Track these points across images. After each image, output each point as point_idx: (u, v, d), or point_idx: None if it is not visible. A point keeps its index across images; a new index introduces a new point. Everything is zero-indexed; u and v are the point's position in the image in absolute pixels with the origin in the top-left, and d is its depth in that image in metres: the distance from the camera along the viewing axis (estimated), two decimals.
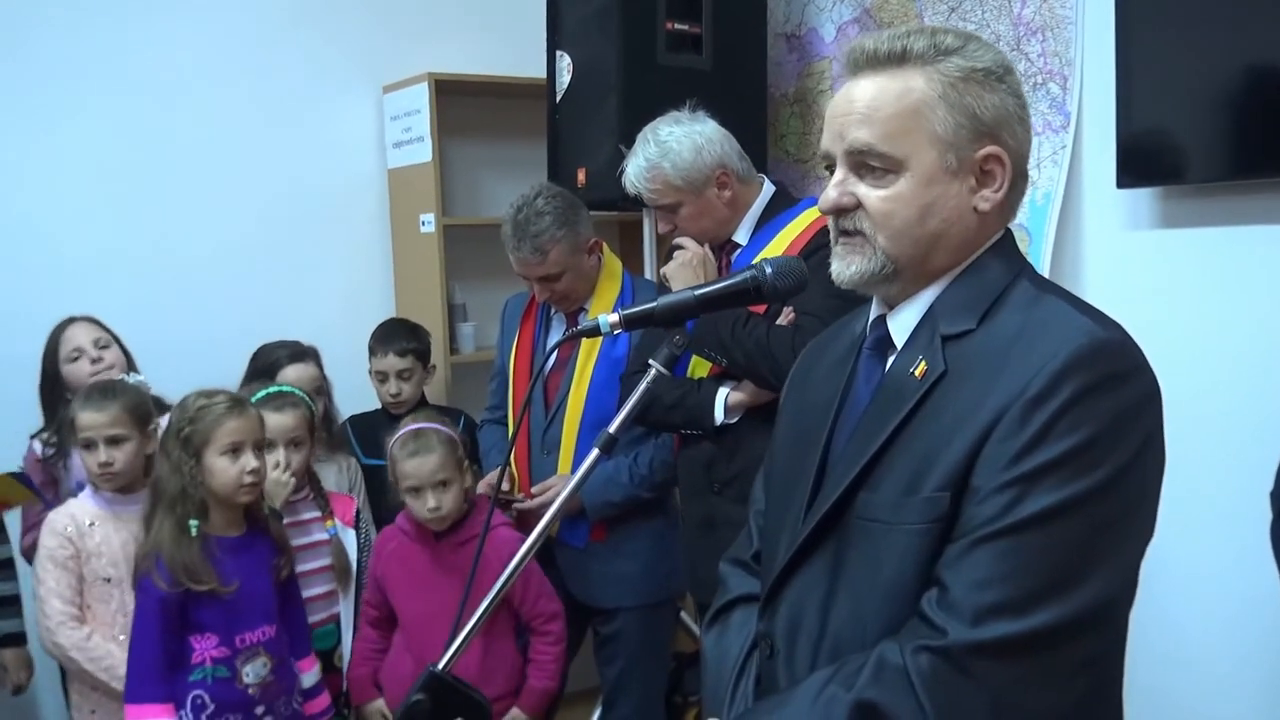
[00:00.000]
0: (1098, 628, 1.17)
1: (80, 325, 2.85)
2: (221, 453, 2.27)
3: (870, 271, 1.28)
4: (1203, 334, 2.44)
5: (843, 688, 1.18)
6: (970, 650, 1.12)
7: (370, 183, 3.71)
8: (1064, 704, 1.16)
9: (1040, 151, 2.72)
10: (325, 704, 2.49)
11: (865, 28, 3.16)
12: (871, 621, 1.22)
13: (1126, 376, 1.17)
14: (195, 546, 2.24)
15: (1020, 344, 1.19)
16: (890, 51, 1.27)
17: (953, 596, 1.14)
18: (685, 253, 2.52)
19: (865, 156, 1.26)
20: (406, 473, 2.54)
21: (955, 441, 1.18)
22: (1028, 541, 1.12)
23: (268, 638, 2.32)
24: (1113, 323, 1.22)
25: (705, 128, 2.50)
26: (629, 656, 2.85)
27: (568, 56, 3.19)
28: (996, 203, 1.28)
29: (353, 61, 3.64)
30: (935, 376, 1.23)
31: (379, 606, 2.63)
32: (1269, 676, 2.30)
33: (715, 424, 2.43)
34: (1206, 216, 2.47)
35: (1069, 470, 1.12)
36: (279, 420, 2.58)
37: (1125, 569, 1.19)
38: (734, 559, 1.55)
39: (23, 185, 3.19)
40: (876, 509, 1.23)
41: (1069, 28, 2.69)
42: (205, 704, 2.24)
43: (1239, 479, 2.19)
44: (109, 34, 3.28)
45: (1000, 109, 1.26)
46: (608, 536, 2.80)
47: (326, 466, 2.95)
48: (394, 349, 3.16)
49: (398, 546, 2.62)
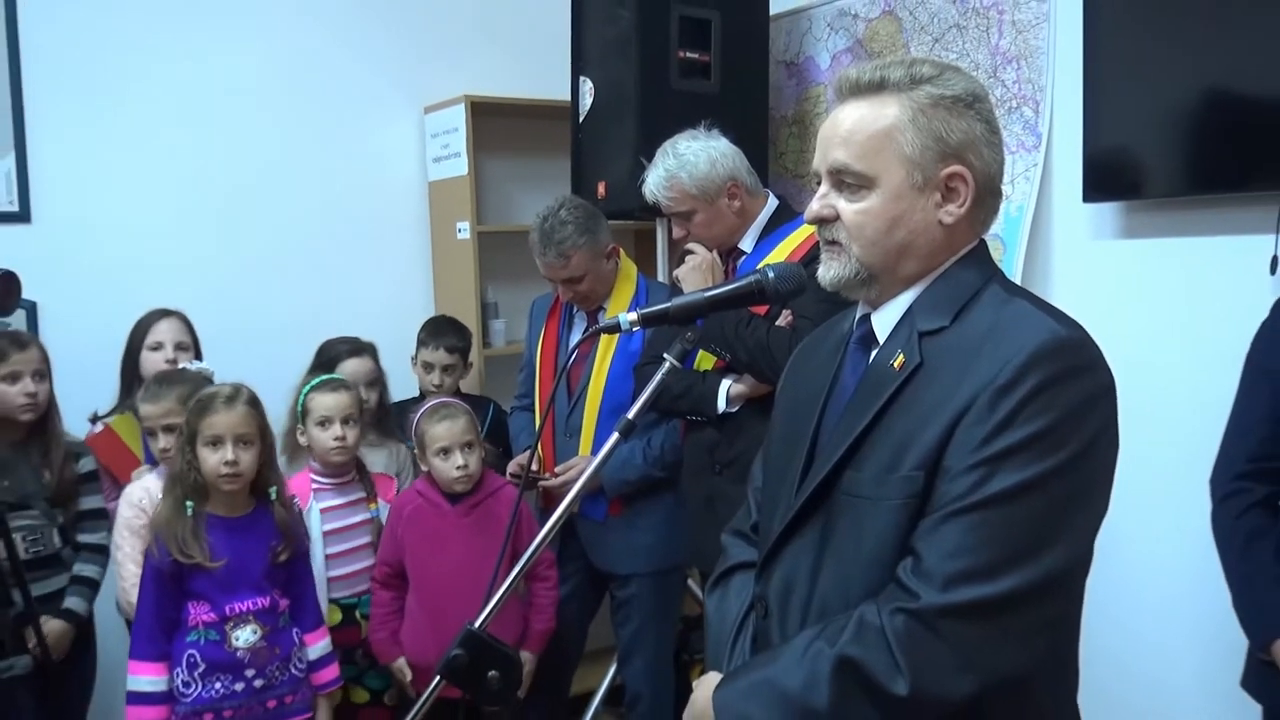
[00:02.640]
0: (1056, 594, 1.17)
1: (171, 321, 2.86)
2: (205, 444, 2.24)
3: (847, 276, 1.29)
4: (1160, 334, 2.45)
5: (827, 644, 1.19)
6: (940, 612, 1.13)
7: (413, 194, 3.72)
8: (1026, 662, 1.17)
9: (1014, 169, 2.72)
10: (332, 675, 2.43)
11: (857, 56, 3.16)
12: (855, 586, 1.23)
13: (1085, 371, 1.17)
14: (188, 524, 2.22)
15: (990, 340, 1.20)
16: (871, 81, 1.28)
17: (926, 565, 1.15)
18: (696, 257, 2.53)
19: (843, 174, 1.28)
20: (438, 435, 2.55)
21: (930, 426, 1.18)
22: (993, 516, 1.13)
23: (259, 608, 2.27)
24: (1074, 323, 1.22)
25: (719, 144, 2.51)
26: (642, 617, 2.86)
27: (590, 81, 3.20)
28: (960, 217, 1.28)
29: (398, 86, 3.65)
30: (912, 368, 1.23)
31: (392, 565, 2.60)
32: (1210, 640, 2.30)
33: (718, 412, 2.45)
34: (1165, 228, 2.47)
35: (1032, 453, 1.13)
36: (334, 400, 2.63)
37: (1081, 542, 1.19)
38: (735, 530, 1.55)
39: (118, 194, 3.22)
40: (860, 486, 1.24)
41: (1041, 57, 2.69)
42: (197, 662, 2.22)
43: (1187, 466, 2.19)
44: (194, 68, 3.31)
45: (967, 133, 1.27)
46: (624, 511, 2.81)
47: (378, 451, 2.96)
48: (444, 344, 3.14)
49: (414, 510, 2.60)
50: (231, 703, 2.24)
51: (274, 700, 2.29)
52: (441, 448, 2.55)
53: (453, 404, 2.65)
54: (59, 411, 2.60)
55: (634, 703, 2.94)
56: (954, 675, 1.13)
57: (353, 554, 2.68)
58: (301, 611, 2.40)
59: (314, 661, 2.40)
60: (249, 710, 2.26)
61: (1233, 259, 2.31)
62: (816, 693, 1.18)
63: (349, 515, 2.69)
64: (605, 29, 3.11)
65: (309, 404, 2.65)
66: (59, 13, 3.12)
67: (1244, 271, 2.28)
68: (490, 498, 2.62)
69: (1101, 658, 1.54)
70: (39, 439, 2.54)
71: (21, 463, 2.50)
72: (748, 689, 1.26)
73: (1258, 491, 1.89)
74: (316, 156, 3.53)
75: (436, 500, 2.60)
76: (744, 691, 1.26)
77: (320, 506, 2.64)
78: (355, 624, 2.65)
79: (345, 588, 2.65)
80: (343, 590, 2.65)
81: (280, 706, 2.30)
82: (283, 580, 2.35)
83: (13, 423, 2.50)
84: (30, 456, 2.52)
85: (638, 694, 2.93)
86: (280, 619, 2.32)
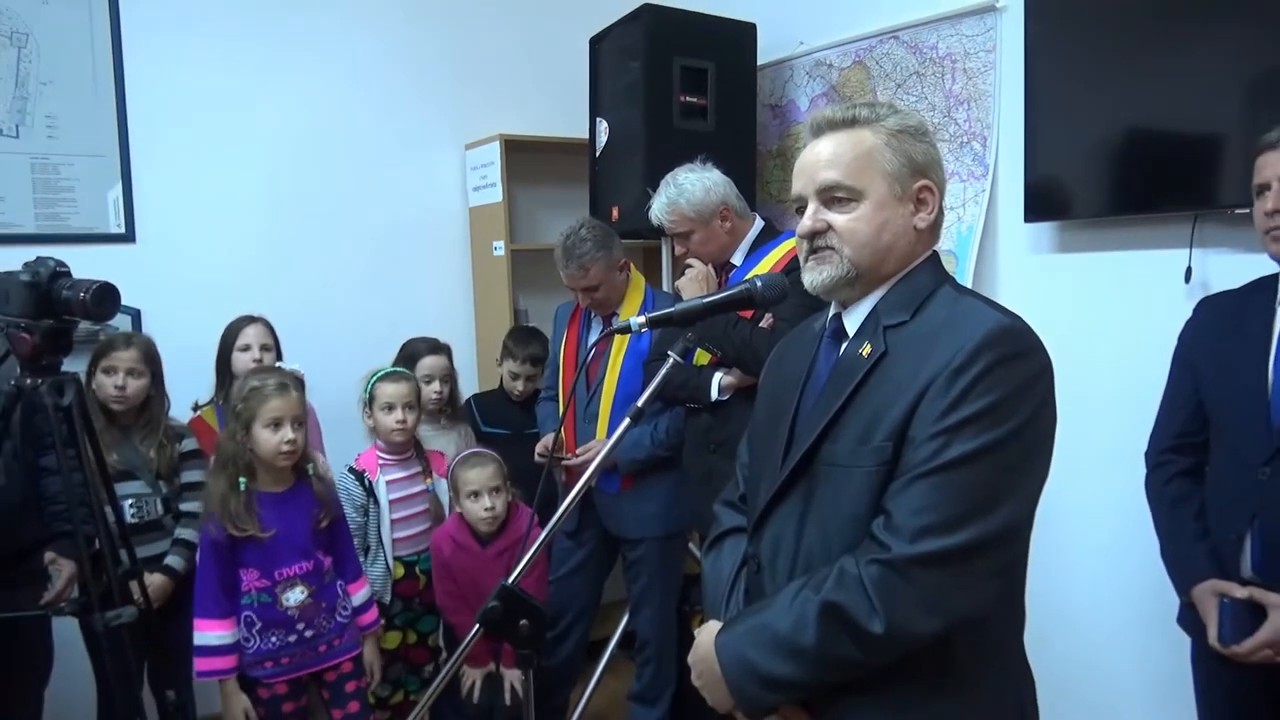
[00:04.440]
0: (1007, 545, 1.18)
1: (257, 326, 2.84)
2: (265, 425, 2.20)
3: (838, 276, 1.28)
4: (1091, 330, 2.44)
5: (813, 592, 1.19)
6: (909, 561, 1.13)
7: (456, 218, 3.72)
8: (982, 603, 1.17)
9: (965, 194, 2.72)
10: (373, 617, 2.44)
11: (831, 99, 3.15)
12: (835, 542, 1.23)
13: (1027, 354, 1.18)
14: (241, 500, 2.19)
15: (945, 330, 1.20)
16: (844, 118, 1.30)
17: (895, 521, 1.15)
18: (694, 270, 2.53)
19: (834, 191, 1.28)
20: (469, 479, 2.51)
21: (896, 403, 1.18)
22: (952, 478, 1.13)
23: (305, 571, 2.26)
24: (1016, 315, 1.22)
25: (713, 175, 2.51)
26: (650, 575, 2.86)
27: (605, 121, 3.20)
28: (930, 223, 1.29)
29: (443, 127, 3.66)
30: (878, 355, 1.24)
31: (450, 590, 2.58)
32: (1142, 589, 2.30)
33: (711, 400, 2.45)
34: (1094, 244, 2.47)
35: (983, 424, 1.13)
36: (396, 388, 2.63)
37: (1027, 500, 1.19)
38: (725, 500, 1.55)
39: (209, 219, 3.23)
40: (837, 456, 1.24)
41: (988, 99, 2.68)
42: (254, 621, 2.22)
43: (1114, 444, 2.19)
44: (274, 112, 3.33)
45: (927, 154, 1.29)
46: (634, 485, 2.80)
47: (448, 433, 2.97)
48: (529, 357, 3.13)
49: (452, 553, 2.55)
50: (287, 651, 2.25)
51: (324, 645, 2.31)
52: (472, 491, 2.52)
53: (484, 453, 2.61)
54: (164, 400, 2.59)
55: (643, 647, 2.94)
56: (923, 615, 1.13)
57: (413, 518, 2.69)
58: (343, 566, 2.39)
59: (357, 607, 2.40)
60: (303, 655, 2.28)
61: (1152, 269, 2.30)
62: (804, 633, 1.18)
63: (410, 486, 2.69)
64: (618, 78, 3.12)
65: (375, 392, 2.65)
66: (158, 65, 3.14)
67: (1162, 280, 2.27)
68: (516, 545, 2.56)
69: (1042, 599, 1.53)
70: (143, 423, 2.54)
71: (127, 442, 2.50)
72: (745, 633, 1.26)
73: (1182, 463, 1.89)
74: (376, 186, 3.54)
75: (468, 543, 2.55)
76: (741, 635, 1.26)
77: (386, 479, 2.65)
78: (415, 578, 2.67)
79: (407, 547, 2.66)
80: (405, 549, 2.66)
81: (329, 649, 2.32)
82: (325, 542, 2.34)
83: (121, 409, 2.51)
84: (134, 436, 2.52)
85: (646, 639, 2.92)
86: (325, 576, 2.31)
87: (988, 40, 2.67)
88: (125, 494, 2.42)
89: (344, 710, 2.34)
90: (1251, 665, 1.69)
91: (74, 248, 2.90)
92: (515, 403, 3.17)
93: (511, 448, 2.95)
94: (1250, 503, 1.71)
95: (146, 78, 3.11)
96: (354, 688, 2.36)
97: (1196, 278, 2.21)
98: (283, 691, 2.25)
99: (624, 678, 3.16)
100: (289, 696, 2.26)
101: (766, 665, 1.21)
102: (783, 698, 1.23)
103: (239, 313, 2.89)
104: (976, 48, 2.70)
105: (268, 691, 2.24)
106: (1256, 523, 1.71)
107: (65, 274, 1.96)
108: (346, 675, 2.35)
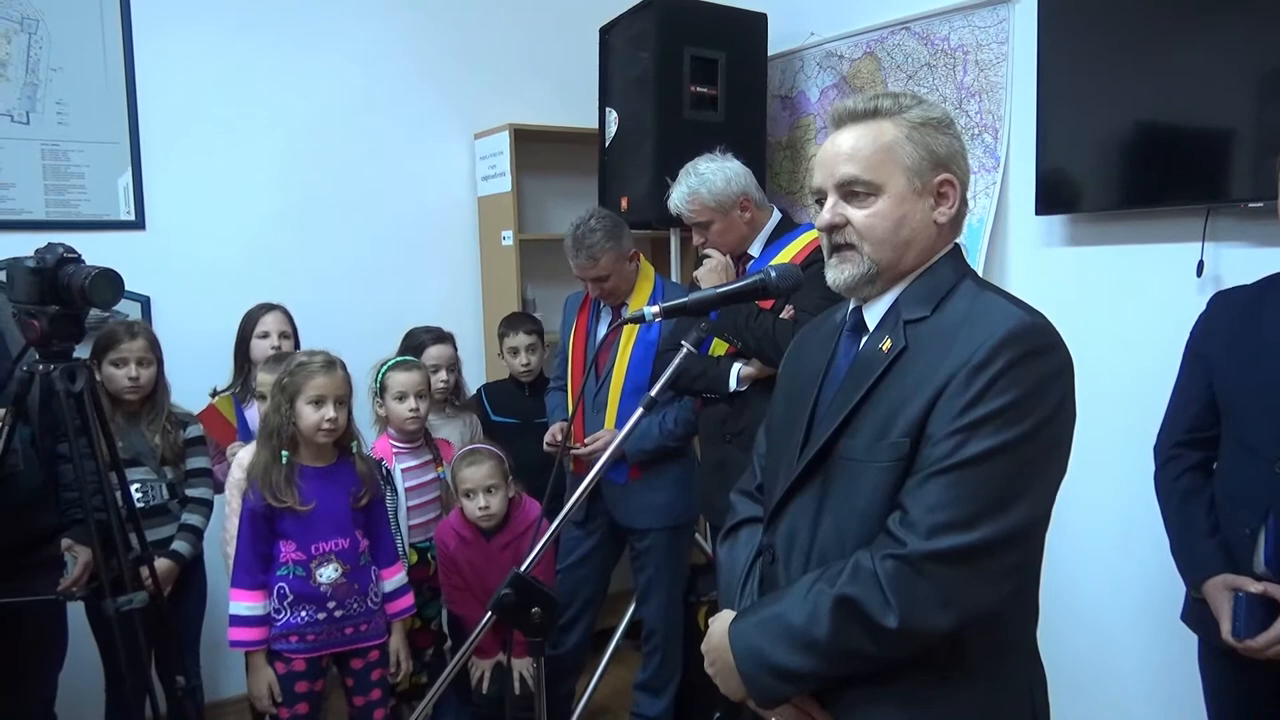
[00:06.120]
0: (1022, 543, 1.16)
1: (276, 313, 2.84)
2: (308, 402, 2.22)
3: (859, 274, 1.27)
4: (1102, 324, 2.43)
5: (827, 585, 1.18)
6: (924, 557, 1.12)
7: (465, 207, 3.71)
8: (996, 600, 1.16)
9: (976, 186, 2.70)
10: (406, 604, 2.42)
11: (841, 91, 3.13)
12: (850, 536, 1.22)
13: (1047, 351, 1.16)
14: (282, 473, 2.20)
15: (965, 326, 1.19)
16: (866, 109, 1.27)
17: (911, 517, 1.14)
18: (712, 260, 2.51)
19: (852, 185, 1.26)
20: (465, 478, 2.51)
21: (915, 399, 1.17)
22: (969, 475, 1.12)
23: (340, 548, 2.25)
24: (1038, 312, 1.21)
25: (734, 165, 2.49)
26: (657, 565, 2.86)
27: (614, 112, 3.19)
28: (950, 218, 1.27)
29: (452, 116, 3.64)
30: (898, 351, 1.22)
31: (455, 583, 2.58)
32: (1150, 584, 2.30)
33: (729, 391, 2.43)
34: (1106, 237, 2.45)
35: (1002, 421, 1.11)
36: (408, 377, 2.62)
37: (1044, 498, 1.18)
38: (741, 490, 1.54)
39: (218, 206, 3.22)
40: (854, 451, 1.22)
41: (1000, 91, 2.66)
42: (286, 594, 2.22)
43: (1124, 438, 2.18)
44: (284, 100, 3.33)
45: (950, 147, 1.27)
46: (642, 475, 2.80)
47: (453, 422, 2.96)
48: (523, 329, 3.12)
49: (455, 547, 2.55)
50: (314, 629, 2.25)
51: (351, 628, 2.30)
52: (467, 489, 2.51)
53: (481, 449, 2.59)
54: (166, 388, 2.59)
55: (649, 636, 2.94)
56: (936, 611, 1.12)
57: (426, 505, 2.70)
58: (379, 550, 2.39)
59: (389, 593, 2.40)
60: (329, 635, 2.27)
61: (1164, 263, 2.29)
62: (818, 626, 1.17)
63: (422, 474, 2.70)
64: (628, 68, 3.10)
65: (386, 381, 2.64)
66: (168, 55, 3.13)
67: (1174, 274, 2.26)
68: (520, 539, 2.56)
69: (1058, 597, 1.52)
70: (148, 411, 2.54)
71: (133, 429, 2.50)
72: (758, 623, 1.25)
73: (1192, 457, 1.88)
74: (387, 175, 3.53)
75: (471, 537, 2.54)
76: (755, 625, 1.25)
77: (400, 467, 2.65)
78: (426, 563, 2.68)
79: (420, 534, 2.67)
80: (419, 536, 2.67)
81: (356, 633, 2.31)
82: (363, 522, 2.35)
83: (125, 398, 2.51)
84: (139, 423, 2.52)
85: (652, 629, 2.92)
86: (360, 558, 2.31)
87: (1000, 32, 2.64)
88: (131, 479, 2.41)
89: (366, 697, 2.35)
90: (1260, 662, 1.68)
91: (84, 234, 2.89)
92: (525, 392, 3.16)
93: (521, 437, 2.94)
94: (1264, 497, 1.69)
95: (157, 65, 3.10)
96: (379, 676, 2.37)
97: (1208, 271, 2.19)
98: (300, 669, 2.25)
99: (630, 667, 3.17)
100: (305, 675, 2.26)
101: (779, 656, 1.21)
102: (794, 688, 1.23)
103: (247, 300, 2.89)
104: (989, 39, 2.68)
105: (285, 666, 2.25)
106: (1271, 517, 1.69)
107: (72, 260, 1.96)
108: (373, 664, 2.35)
